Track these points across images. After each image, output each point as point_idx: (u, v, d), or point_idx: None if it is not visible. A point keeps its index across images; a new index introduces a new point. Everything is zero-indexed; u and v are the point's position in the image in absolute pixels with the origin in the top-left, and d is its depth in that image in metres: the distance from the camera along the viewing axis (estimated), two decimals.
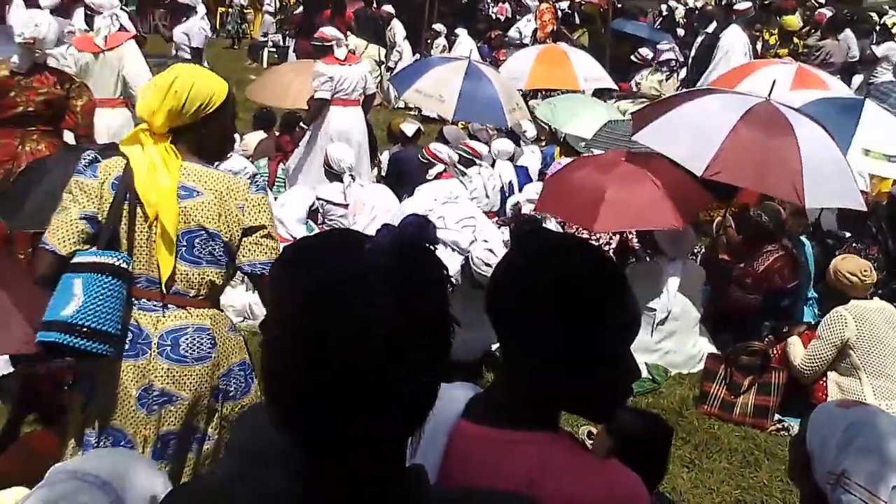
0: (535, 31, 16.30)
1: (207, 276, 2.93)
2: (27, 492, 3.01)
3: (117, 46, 6.96)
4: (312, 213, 6.72)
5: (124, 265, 2.80)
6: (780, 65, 8.86)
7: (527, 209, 7.08)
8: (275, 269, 1.25)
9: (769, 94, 5.99)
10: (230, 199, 2.93)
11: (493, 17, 20.36)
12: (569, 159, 7.83)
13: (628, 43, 14.20)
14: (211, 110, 2.92)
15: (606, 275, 1.56)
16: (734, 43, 11.90)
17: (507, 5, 20.43)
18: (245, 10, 22.19)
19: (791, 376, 5.30)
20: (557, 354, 1.50)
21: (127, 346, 2.87)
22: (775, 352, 5.48)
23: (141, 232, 2.87)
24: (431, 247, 1.26)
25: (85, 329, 2.68)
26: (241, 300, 6.24)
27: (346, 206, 7.20)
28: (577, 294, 1.50)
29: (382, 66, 15.26)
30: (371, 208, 7.07)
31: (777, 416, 5.29)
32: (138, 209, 2.85)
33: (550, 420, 1.57)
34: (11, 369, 4.80)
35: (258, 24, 21.44)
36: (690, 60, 13.18)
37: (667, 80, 12.55)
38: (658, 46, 13.19)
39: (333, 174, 7.41)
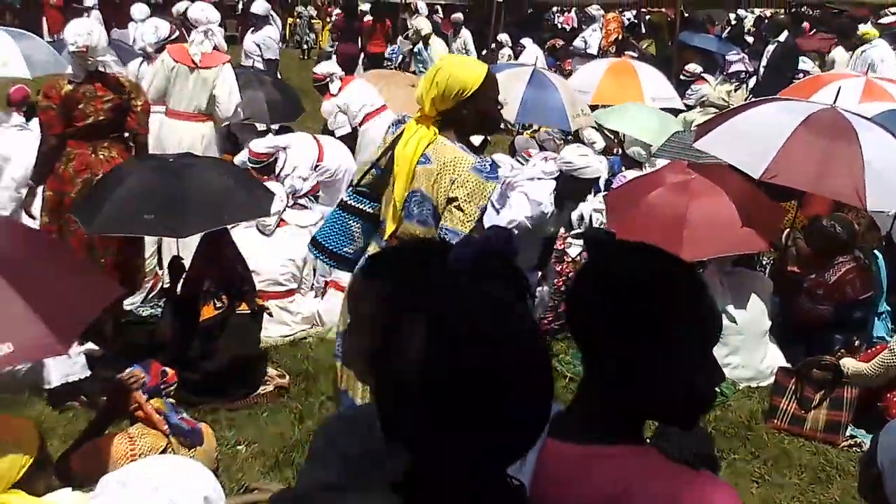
0: (601, 40, 16.23)
1: (417, 233, 3.45)
2: (85, 497, 3.08)
3: (214, 67, 7.11)
4: None
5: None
6: (849, 78, 8.67)
7: (595, 219, 7.04)
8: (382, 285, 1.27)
9: (834, 102, 5.89)
10: (448, 171, 3.41)
11: (559, 26, 20.30)
12: (633, 172, 7.78)
13: (695, 55, 14.04)
14: (467, 95, 3.41)
15: (687, 279, 1.55)
16: (886, 56, 11.50)
17: (572, 15, 20.36)
18: (313, 21, 22.47)
19: (863, 391, 5.18)
20: (641, 363, 1.49)
21: None
22: None
23: (389, 190, 3.56)
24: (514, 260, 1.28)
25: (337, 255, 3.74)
26: (310, 308, 6.31)
27: None
28: (660, 300, 1.50)
29: None
30: None
31: (850, 432, 5.17)
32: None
33: (636, 432, 1.56)
34: (88, 373, 4.94)
35: (326, 34, 21.68)
36: (762, 70, 12.94)
37: (735, 90, 12.38)
38: (727, 57, 13.00)
39: None
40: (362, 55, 15.75)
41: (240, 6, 22.24)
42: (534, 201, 5.78)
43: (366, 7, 19.51)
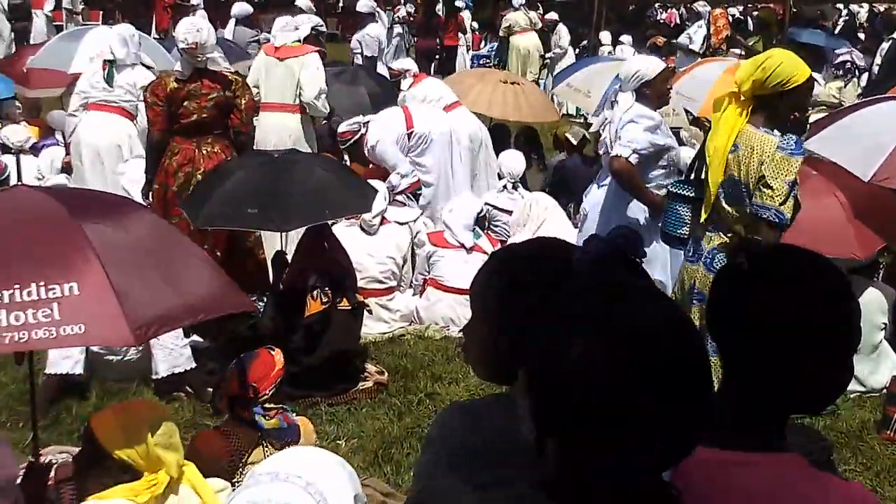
0: (705, 37, 15.87)
1: (731, 212, 3.92)
2: (224, 483, 3.17)
3: (299, 56, 7.19)
4: (479, 220, 6.73)
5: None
6: None
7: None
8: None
9: None
10: (756, 154, 3.76)
11: (662, 23, 19.97)
12: None
13: (805, 52, 13.59)
14: (788, 88, 3.73)
15: (840, 281, 1.54)
16: None
17: (676, 11, 19.99)
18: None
19: None
20: (792, 366, 1.48)
21: (690, 253, 4.18)
22: None
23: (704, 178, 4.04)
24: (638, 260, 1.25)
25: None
26: (409, 305, 6.31)
27: (510, 212, 7.18)
28: (818, 303, 1.48)
29: (545, 71, 15.28)
30: (537, 216, 7.01)
31: None
32: None
33: (778, 437, 1.53)
34: (193, 365, 5.03)
35: None
36: (876, 68, 12.47)
37: (845, 85, 11.93)
38: (835, 51, 12.57)
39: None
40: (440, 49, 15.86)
41: (340, 4, 22.52)
42: None
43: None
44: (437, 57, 16.47)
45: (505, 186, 7.34)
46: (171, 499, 2.92)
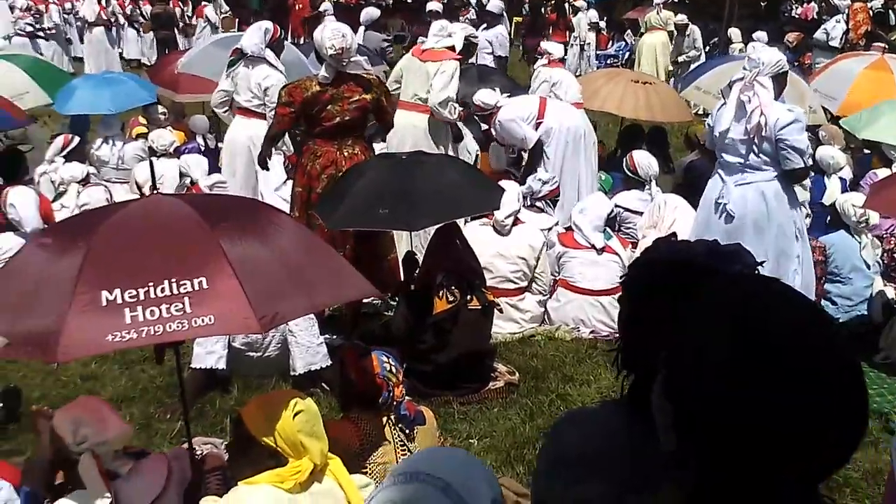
0: (844, 32, 15.28)
1: None
2: (367, 480, 3.25)
3: (438, 60, 7.28)
4: (610, 221, 6.66)
5: None
6: None
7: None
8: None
9: None
10: None
11: (797, 18, 19.31)
12: (885, 170, 7.27)
13: None
14: None
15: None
16: None
17: (813, 5, 19.30)
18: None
19: None
20: None
21: None
22: None
23: None
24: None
25: None
26: (539, 306, 6.31)
27: (640, 213, 7.09)
28: None
29: (671, 71, 15.02)
30: (668, 217, 6.90)
31: None
32: None
33: None
34: (329, 362, 5.15)
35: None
36: None
37: None
38: None
39: (635, 180, 7.35)
40: None
41: (472, 3, 22.64)
42: None
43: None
44: None
45: (642, 186, 7.28)
46: (315, 487, 3.00)
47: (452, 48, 7.29)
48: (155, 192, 3.43)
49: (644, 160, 7.37)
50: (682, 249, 1.70)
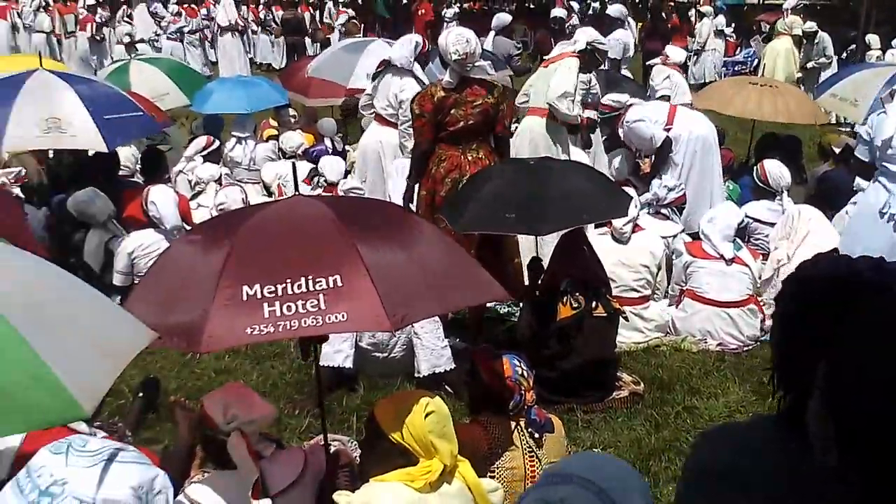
0: None
1: None
2: (496, 484, 3.27)
3: (556, 62, 7.26)
4: (740, 231, 6.50)
5: None
6: None
7: None
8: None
9: None
10: None
11: None
12: None
13: None
14: None
15: None
16: None
17: None
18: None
19: None
20: None
21: None
22: None
23: None
24: None
25: None
26: (664, 315, 6.21)
27: (773, 225, 6.90)
28: None
29: (799, 78, 14.58)
30: (801, 229, 6.69)
31: None
32: None
33: None
34: (453, 365, 5.19)
35: None
36: None
37: None
38: None
39: (766, 190, 7.16)
40: None
41: (589, 12, 22.52)
42: None
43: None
44: None
45: (773, 196, 7.11)
46: (444, 488, 3.03)
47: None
48: (296, 193, 3.51)
49: (776, 170, 7.16)
50: (845, 265, 1.65)
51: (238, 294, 2.83)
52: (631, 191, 6.55)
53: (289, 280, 2.86)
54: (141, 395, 4.87)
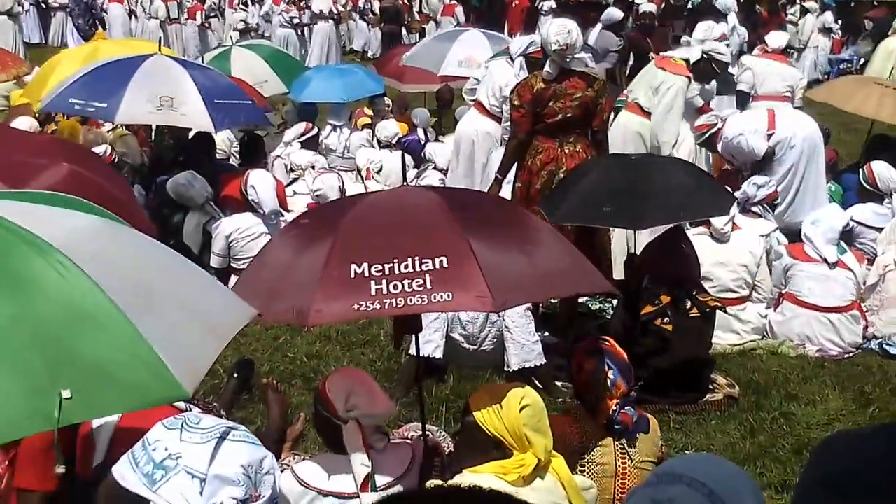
0: None
1: None
2: (590, 483, 3.22)
3: (673, 73, 7.17)
4: (845, 234, 6.29)
5: None
6: None
7: None
8: None
9: None
10: None
11: None
12: None
13: None
14: None
15: None
16: None
17: None
18: None
19: None
20: None
21: None
22: None
23: None
24: None
25: None
26: (761, 318, 6.04)
27: (880, 229, 6.67)
28: None
29: None
30: None
31: None
32: None
33: None
34: (544, 360, 5.14)
35: None
36: None
37: None
38: None
39: (873, 193, 6.91)
40: None
41: (688, 6, 22.06)
42: None
43: None
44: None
45: (881, 199, 6.86)
46: (537, 483, 3.00)
47: (688, 62, 7.12)
48: (404, 183, 3.54)
49: (885, 172, 6.89)
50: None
51: (346, 272, 2.93)
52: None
53: (396, 260, 2.94)
54: (235, 375, 4.95)
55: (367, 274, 2.91)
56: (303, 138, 8.81)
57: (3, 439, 2.23)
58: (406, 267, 2.92)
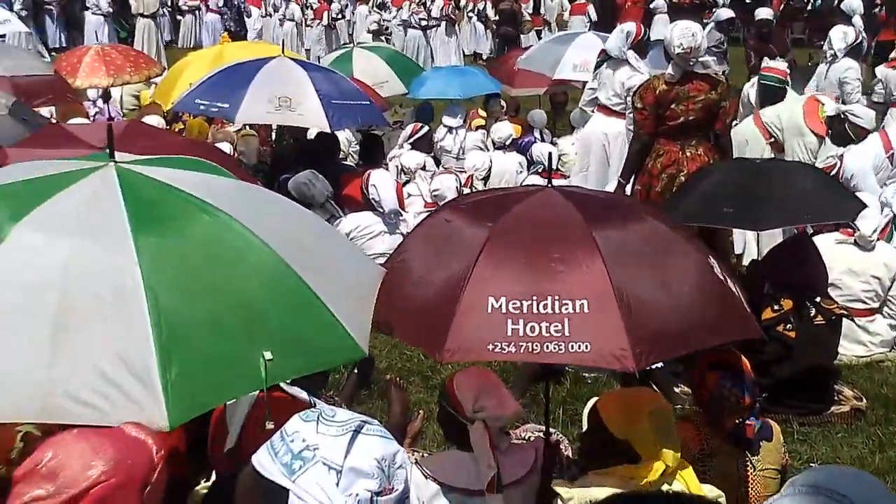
0: None
1: None
2: (718, 492, 3.17)
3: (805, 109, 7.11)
4: None
5: None
6: None
7: None
8: None
9: None
10: None
11: None
12: None
13: None
14: None
15: None
16: None
17: None
18: None
19: None
20: None
21: None
22: None
23: None
24: None
25: None
26: (888, 331, 5.82)
27: None
28: None
29: None
30: None
31: None
32: None
33: None
34: (661, 364, 5.07)
35: None
36: None
37: None
38: None
39: None
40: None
41: (809, 7, 21.44)
42: None
43: None
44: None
45: None
46: (664, 489, 2.97)
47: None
48: (549, 185, 3.40)
49: None
50: None
51: (483, 305, 2.75)
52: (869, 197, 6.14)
53: (535, 297, 2.74)
54: (355, 371, 5.02)
55: (504, 310, 2.73)
56: (412, 140, 8.92)
57: (218, 401, 2.35)
58: (545, 307, 2.73)
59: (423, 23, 18.32)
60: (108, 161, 2.63)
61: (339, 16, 20.02)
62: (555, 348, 2.69)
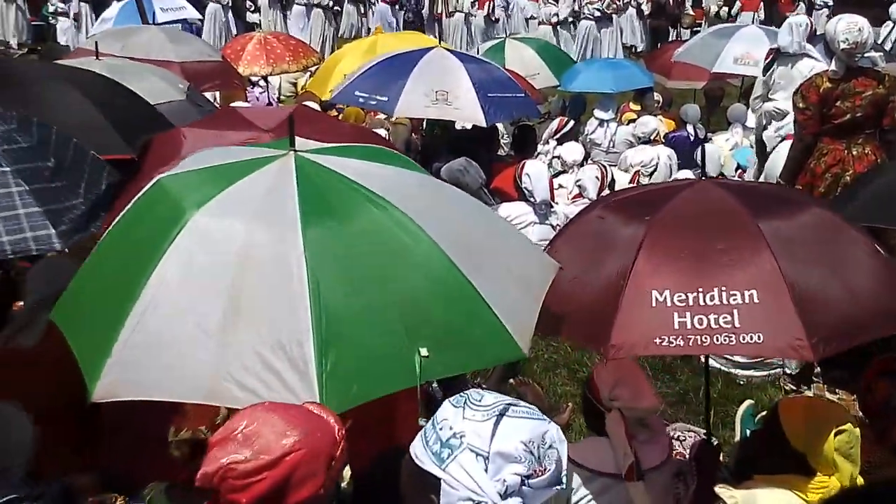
0: None
1: None
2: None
3: None
4: None
5: None
6: None
7: None
8: None
9: None
10: None
11: None
12: None
13: None
14: None
15: None
16: None
17: None
18: None
19: None
20: None
21: None
22: None
23: None
24: None
25: None
26: None
27: None
28: None
29: None
30: None
31: None
32: None
33: None
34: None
35: None
36: None
37: None
38: None
39: None
40: None
41: None
42: None
43: None
44: None
45: None
46: None
47: None
48: (703, 178, 3.37)
49: None
50: None
51: (647, 298, 2.69)
52: None
53: (700, 289, 2.67)
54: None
55: (669, 303, 2.66)
56: (557, 135, 8.84)
57: (371, 395, 2.34)
58: (712, 298, 2.65)
59: (597, 14, 18.13)
60: (289, 150, 2.71)
61: (502, 5, 19.76)
62: (725, 340, 2.61)
